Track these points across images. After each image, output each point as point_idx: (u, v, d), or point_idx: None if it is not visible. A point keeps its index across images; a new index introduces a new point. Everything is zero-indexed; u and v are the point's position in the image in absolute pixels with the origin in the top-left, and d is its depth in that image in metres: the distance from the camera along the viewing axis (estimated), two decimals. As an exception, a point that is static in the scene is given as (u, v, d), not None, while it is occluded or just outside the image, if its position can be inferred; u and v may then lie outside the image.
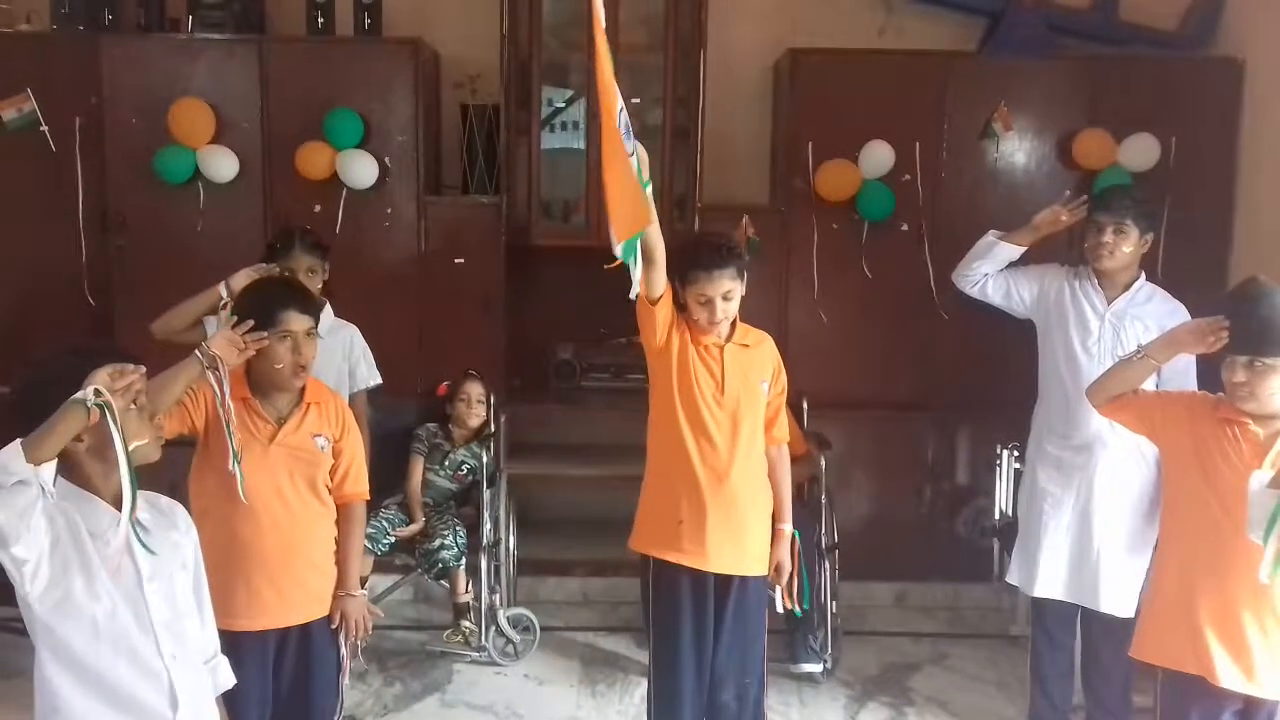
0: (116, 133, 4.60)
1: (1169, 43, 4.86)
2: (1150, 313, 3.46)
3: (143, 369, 1.97)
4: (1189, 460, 2.70)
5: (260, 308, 2.71)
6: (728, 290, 2.98)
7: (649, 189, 2.74)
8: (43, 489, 1.83)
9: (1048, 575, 3.58)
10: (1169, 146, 4.56)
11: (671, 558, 3.07)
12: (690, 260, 3.00)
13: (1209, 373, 2.82)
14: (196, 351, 2.59)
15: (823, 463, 4.31)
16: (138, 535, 1.94)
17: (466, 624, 4.28)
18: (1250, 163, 4.58)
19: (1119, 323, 3.48)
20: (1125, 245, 3.46)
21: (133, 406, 1.95)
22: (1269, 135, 4.44)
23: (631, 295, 2.83)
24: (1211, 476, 2.64)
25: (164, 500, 2.14)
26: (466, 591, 4.28)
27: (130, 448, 1.91)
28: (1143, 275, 3.57)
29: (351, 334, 3.87)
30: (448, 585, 4.30)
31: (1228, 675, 2.60)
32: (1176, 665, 2.69)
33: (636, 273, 2.74)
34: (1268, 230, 4.43)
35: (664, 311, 2.97)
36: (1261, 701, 2.62)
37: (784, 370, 3.19)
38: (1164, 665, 2.74)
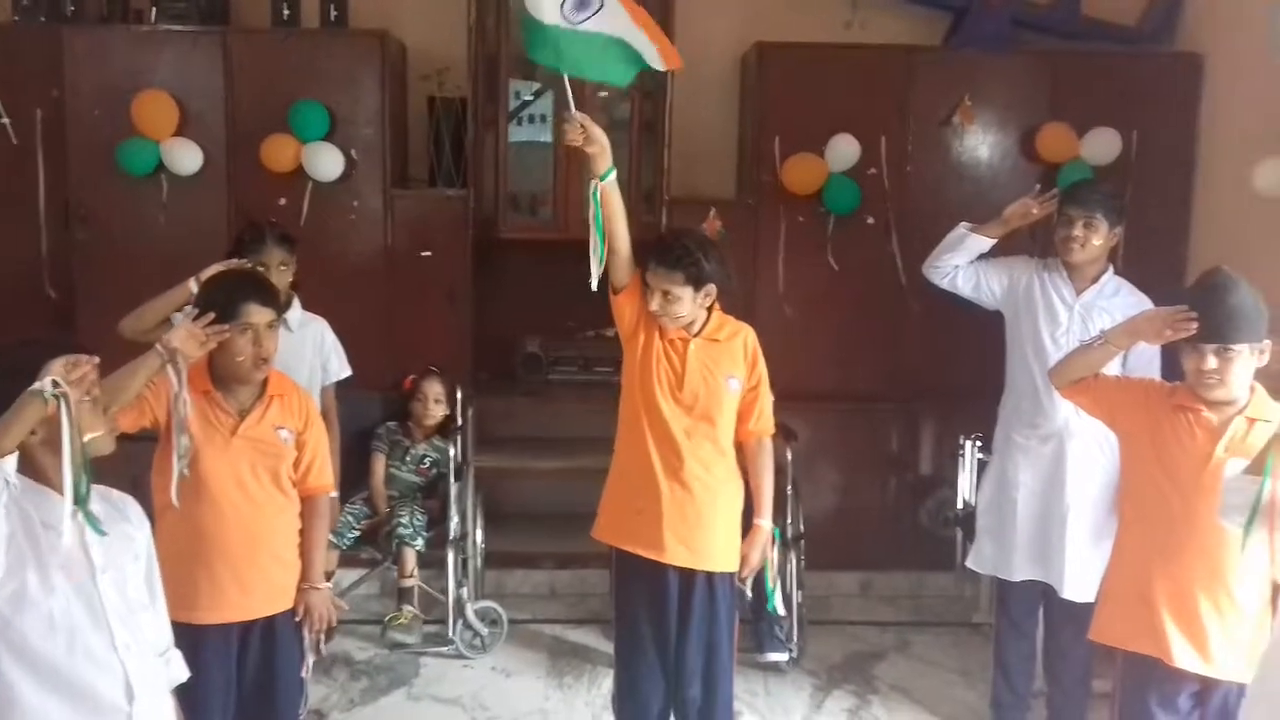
0: (78, 125, 4.56)
1: (1130, 38, 4.91)
2: (1117, 305, 3.51)
3: (95, 360, 1.96)
4: (1145, 446, 2.74)
5: (221, 300, 2.71)
6: (666, 290, 2.96)
7: (612, 175, 2.76)
8: (6, 482, 1.82)
9: (1023, 559, 3.62)
10: (1130, 140, 4.62)
11: (629, 548, 3.09)
12: (648, 249, 3.04)
13: (1172, 362, 2.87)
14: (157, 344, 2.57)
15: (789, 454, 4.34)
16: (90, 522, 1.93)
17: (409, 608, 4.28)
18: (1209, 156, 4.64)
19: (1087, 315, 3.52)
20: (1095, 238, 3.51)
21: (86, 398, 1.95)
22: (1227, 129, 4.51)
23: (592, 284, 2.84)
24: (1167, 462, 2.69)
25: (115, 493, 2.13)
26: (412, 576, 4.28)
27: (85, 439, 1.90)
28: (1110, 268, 3.62)
29: (322, 328, 3.86)
30: (395, 570, 4.29)
31: (1184, 656, 2.65)
32: (1134, 647, 2.75)
33: (597, 265, 2.76)
34: (1225, 222, 4.50)
35: (630, 300, 2.98)
36: (1217, 682, 2.67)
37: (761, 363, 3.17)
38: (1122, 647, 2.79)
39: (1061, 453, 3.54)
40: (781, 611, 3.38)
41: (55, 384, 1.84)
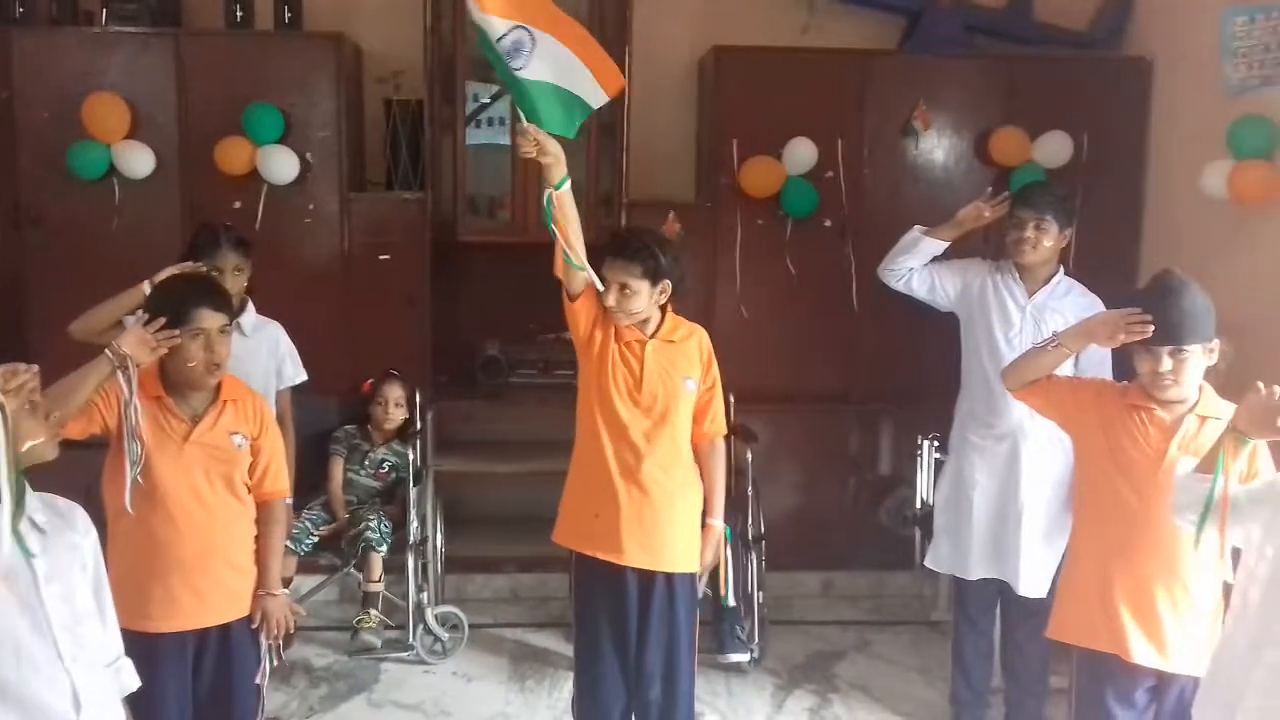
0: (28, 127, 4.48)
1: (1081, 42, 4.99)
2: (1069, 305, 3.57)
3: (35, 369, 1.93)
4: (1099, 445, 2.78)
5: (172, 305, 2.67)
6: (624, 283, 2.97)
7: (566, 184, 2.75)
8: None
9: (979, 557, 3.66)
10: (1081, 143, 4.69)
11: (589, 551, 3.08)
12: (607, 244, 3.06)
13: (1123, 361, 2.91)
14: (107, 350, 2.54)
15: (749, 456, 4.36)
16: (19, 539, 1.89)
17: (375, 612, 4.25)
18: (1158, 159, 4.72)
19: (1039, 315, 3.57)
20: (1046, 240, 3.57)
21: (26, 405, 1.92)
22: (1176, 132, 4.58)
23: (568, 261, 2.83)
24: (1121, 461, 2.73)
25: (62, 501, 2.09)
26: (379, 581, 4.25)
27: (25, 447, 1.87)
28: (1061, 269, 3.68)
29: (277, 332, 3.84)
30: (361, 574, 4.26)
31: (1141, 652, 2.69)
32: (1091, 644, 2.78)
33: (579, 259, 2.77)
34: (1175, 223, 4.57)
35: (585, 306, 2.98)
36: (1173, 676, 2.70)
37: (715, 364, 3.19)
38: (1079, 644, 2.83)
39: (1016, 452, 3.59)
40: (732, 602, 3.39)
41: None
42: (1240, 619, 2.23)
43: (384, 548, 4.22)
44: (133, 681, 2.20)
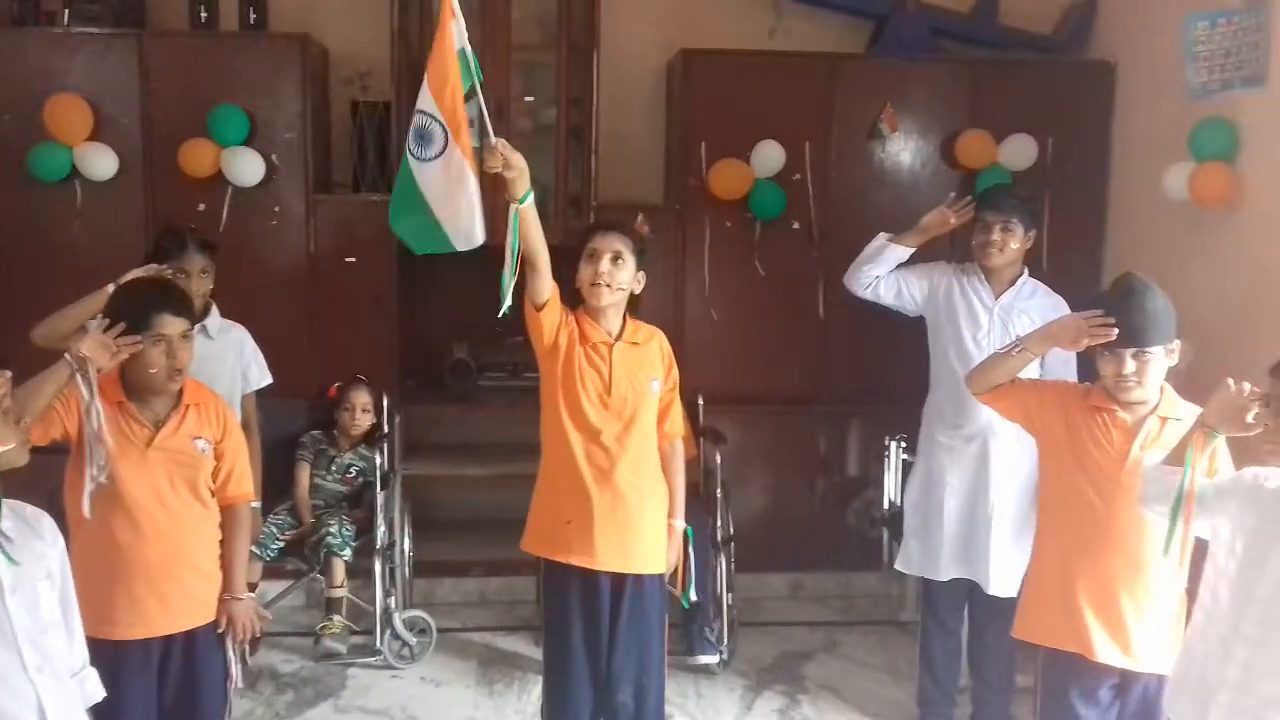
0: (-12, 129, 4.44)
1: (1046, 46, 5.03)
2: (1035, 306, 3.61)
3: (7, 373, 1.91)
4: (1063, 447, 2.81)
5: (133, 310, 2.64)
6: (618, 251, 2.98)
7: (530, 197, 2.74)
8: None
9: (950, 558, 3.68)
10: (1046, 146, 4.73)
11: (561, 558, 3.06)
12: (588, 226, 3.10)
13: (1087, 362, 2.94)
14: (66, 354, 2.51)
15: (718, 457, 4.36)
16: (4, 553, 1.87)
17: (338, 618, 4.22)
18: (1121, 161, 4.77)
19: (1006, 317, 3.61)
20: (1012, 242, 3.60)
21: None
22: (1139, 135, 4.63)
23: (501, 313, 2.81)
24: (1085, 462, 2.76)
25: (29, 509, 2.06)
26: (341, 586, 4.22)
27: None
28: (1026, 270, 3.71)
29: (242, 335, 3.81)
30: (324, 579, 4.23)
31: (1105, 651, 2.71)
32: (1056, 644, 2.80)
33: (506, 297, 2.76)
34: (1138, 225, 4.62)
35: (550, 315, 2.97)
36: (1137, 674, 2.73)
37: (675, 365, 3.21)
38: (1044, 644, 2.85)
39: (985, 452, 3.62)
40: (693, 597, 3.39)
41: None
42: (1211, 615, 2.25)
43: (346, 552, 4.19)
44: (98, 692, 2.18)
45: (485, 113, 2.77)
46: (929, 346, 3.81)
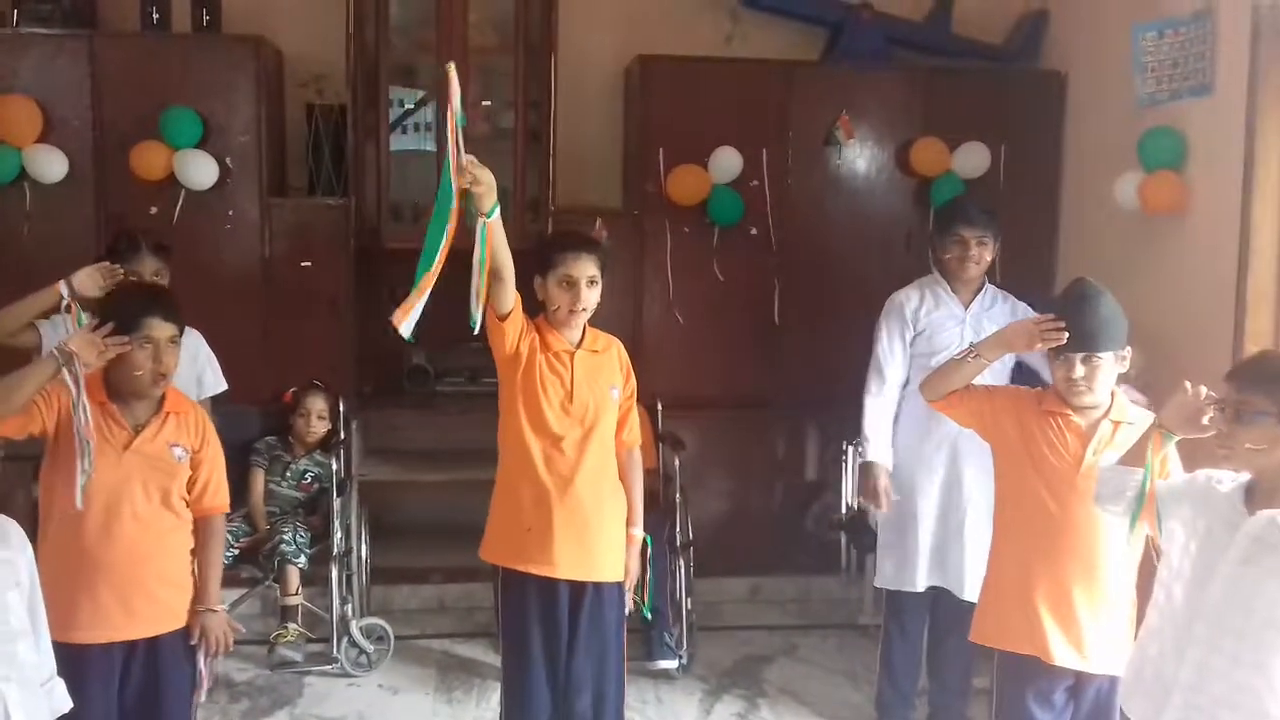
0: (-67, 130, 4.34)
1: (998, 56, 5.11)
2: (999, 314, 3.68)
3: None
4: (1018, 452, 2.84)
5: (122, 312, 2.65)
6: (592, 275, 2.98)
7: (497, 211, 2.72)
8: None
9: (925, 568, 3.69)
10: (999, 154, 4.79)
11: (520, 566, 3.05)
12: (556, 245, 3.03)
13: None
14: (54, 349, 2.52)
15: (676, 462, 4.37)
16: None
17: (293, 626, 4.18)
18: (1073, 170, 4.85)
19: (977, 325, 3.66)
20: (987, 255, 3.69)
21: None
22: (1088, 143, 4.71)
23: (474, 327, 2.81)
24: (1040, 466, 2.79)
25: None
26: (296, 594, 4.18)
27: None
28: (986, 279, 3.76)
29: (196, 340, 3.77)
30: (279, 587, 4.19)
31: (1061, 653, 2.75)
32: (1013, 647, 2.83)
33: (477, 311, 2.75)
34: (1090, 232, 4.70)
35: (513, 324, 2.95)
36: (1091, 676, 2.77)
37: (633, 374, 3.21)
38: (1001, 647, 2.88)
39: (956, 458, 3.65)
40: (647, 615, 3.39)
41: None
42: (1165, 615, 2.29)
43: (301, 559, 4.16)
44: (65, 703, 2.17)
45: (460, 131, 2.74)
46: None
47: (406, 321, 2.65)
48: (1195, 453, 2.42)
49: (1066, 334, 2.69)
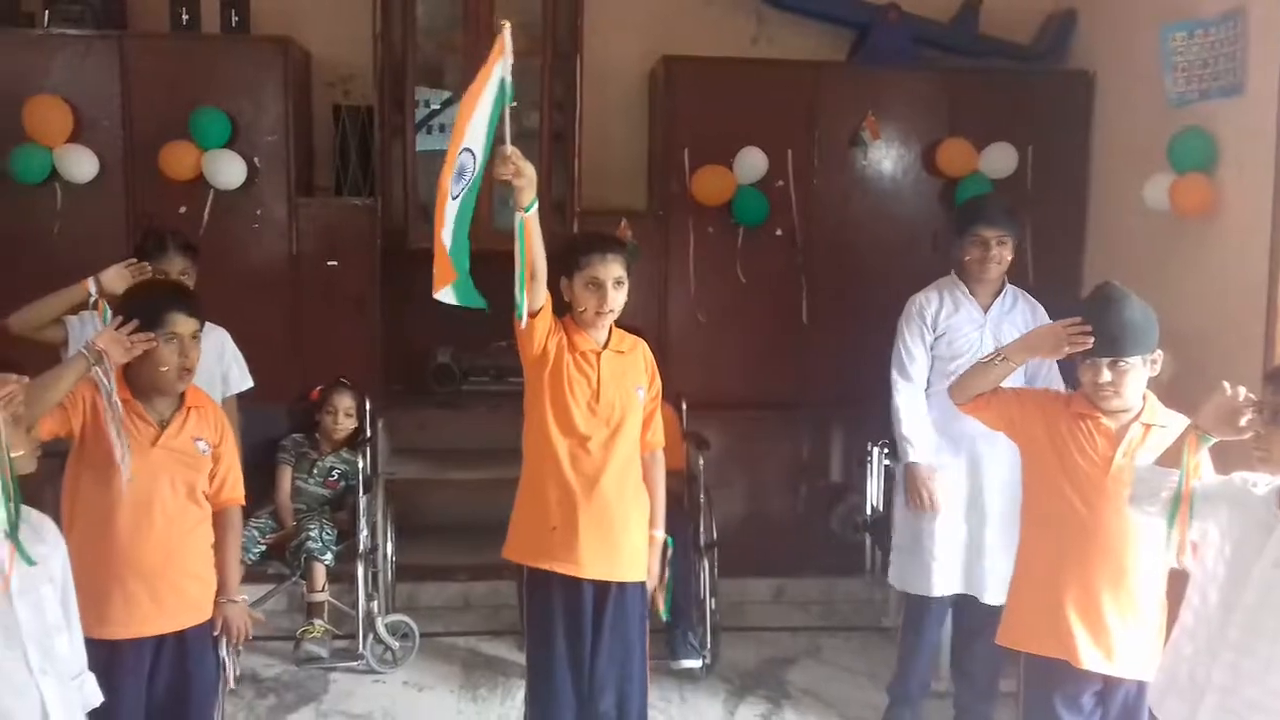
0: (-33, 131, 4.40)
1: (1025, 56, 5.08)
2: (1020, 315, 3.68)
3: (25, 379, 1.91)
4: (1047, 455, 2.82)
5: (147, 309, 2.68)
6: (619, 276, 2.99)
7: (535, 206, 2.73)
8: None
9: (944, 574, 3.68)
10: (1026, 155, 4.77)
11: (545, 565, 3.05)
12: (583, 247, 3.02)
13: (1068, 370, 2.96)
14: (82, 349, 2.55)
15: (701, 462, 4.37)
16: (20, 547, 1.87)
17: (319, 622, 4.21)
18: (1100, 171, 4.82)
19: (997, 328, 3.65)
20: (1007, 254, 3.66)
21: (10, 417, 1.89)
22: (1118, 144, 4.68)
23: (520, 321, 2.82)
24: (1069, 469, 2.77)
25: (33, 514, 2.07)
26: (322, 590, 4.21)
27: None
28: (1006, 280, 3.74)
29: (222, 337, 3.81)
30: (305, 584, 4.22)
31: (1089, 657, 2.73)
32: (1040, 650, 2.81)
33: (524, 304, 2.76)
34: (1118, 234, 4.67)
35: (542, 323, 2.96)
36: (1119, 680, 2.75)
37: (658, 374, 3.20)
38: (1028, 650, 2.86)
39: (977, 461, 3.64)
40: (666, 617, 3.41)
41: None
42: (1199, 616, 2.28)
43: (327, 557, 4.18)
44: (96, 696, 2.20)
45: (507, 121, 2.73)
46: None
47: (446, 289, 2.62)
48: (1228, 455, 2.40)
49: (1092, 338, 2.67)
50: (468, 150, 2.60)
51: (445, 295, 2.64)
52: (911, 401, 3.71)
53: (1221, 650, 2.15)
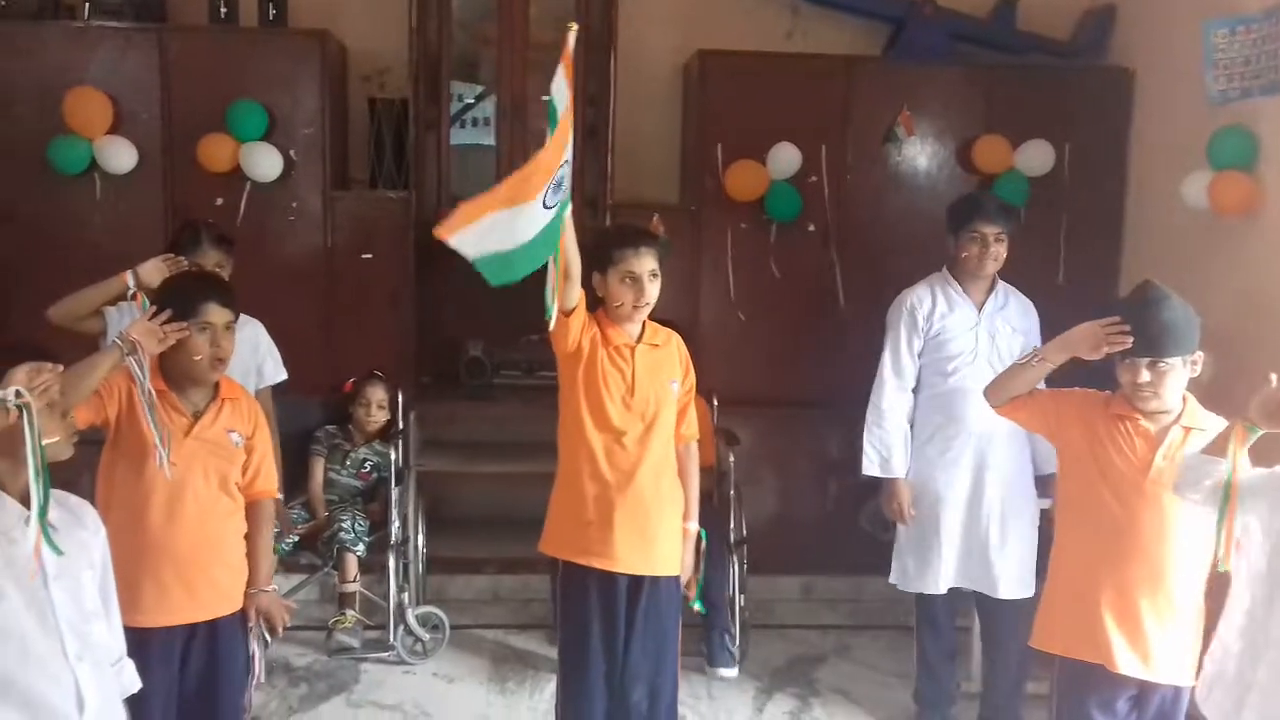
0: (8, 122, 4.45)
1: (1063, 52, 5.03)
2: (1013, 311, 3.68)
3: (60, 368, 1.94)
4: (1084, 456, 2.79)
5: (180, 299, 2.70)
6: (653, 269, 2.99)
7: (569, 208, 2.73)
8: None
9: (947, 569, 3.68)
10: (1063, 152, 4.73)
11: (580, 560, 3.06)
12: (616, 241, 3.02)
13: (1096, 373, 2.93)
14: (115, 339, 2.58)
15: (731, 458, 4.37)
16: (47, 535, 1.89)
17: (351, 612, 4.24)
18: (1139, 168, 4.76)
19: (991, 326, 3.65)
20: (1004, 250, 3.65)
21: (46, 405, 1.91)
22: (1157, 141, 4.63)
23: (549, 320, 2.82)
24: (1106, 471, 2.73)
25: (73, 499, 2.10)
26: (354, 581, 4.24)
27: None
28: (997, 275, 3.73)
29: (257, 330, 3.83)
30: (337, 574, 4.25)
31: (1126, 662, 2.70)
32: (1075, 653, 2.78)
33: (553, 305, 2.75)
34: (1156, 232, 4.62)
35: (576, 320, 2.96)
36: (1156, 686, 2.72)
37: (691, 368, 3.20)
38: (1063, 654, 2.83)
39: (981, 459, 3.63)
40: (697, 606, 3.42)
41: (18, 393, 1.81)
42: (1249, 615, 2.25)
43: (359, 548, 4.22)
44: (134, 682, 2.21)
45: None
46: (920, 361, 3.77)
47: (460, 234, 2.42)
48: (1270, 450, 2.37)
49: (1131, 338, 2.64)
50: (567, 163, 2.59)
51: (460, 243, 2.45)
52: (898, 405, 3.73)
53: (1265, 649, 2.13)
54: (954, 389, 3.62)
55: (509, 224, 2.48)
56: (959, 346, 3.65)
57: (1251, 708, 2.14)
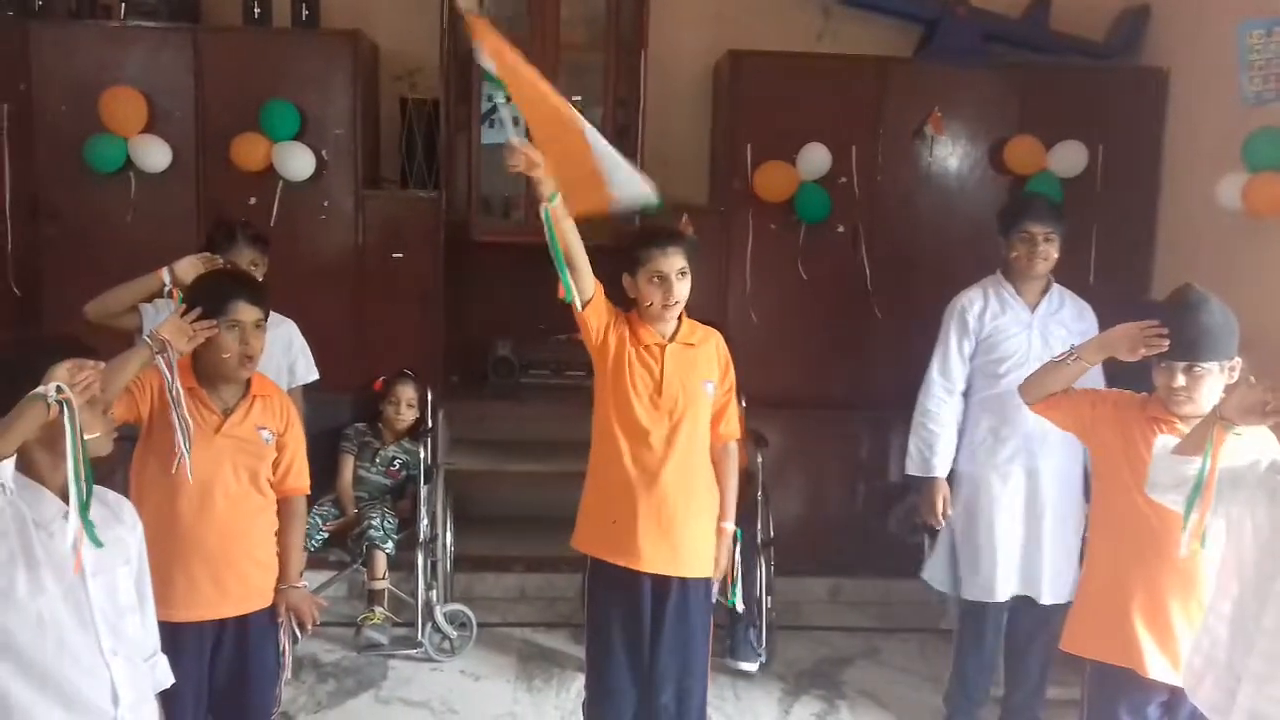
0: (45, 120, 4.51)
1: (1097, 53, 4.99)
2: (1067, 315, 3.63)
3: (101, 365, 1.96)
4: (1118, 458, 2.76)
5: (210, 297, 2.72)
6: (682, 267, 2.99)
7: (558, 198, 2.78)
8: (2, 486, 1.83)
9: (1005, 578, 3.64)
10: (1096, 153, 4.70)
11: (606, 557, 3.07)
12: (643, 241, 3.02)
13: (1125, 373, 2.90)
14: (145, 337, 2.60)
15: (760, 460, 4.36)
16: (89, 529, 1.91)
17: (379, 609, 4.26)
18: (1173, 169, 4.72)
19: (1044, 329, 3.60)
20: (1054, 251, 3.60)
21: (87, 401, 1.94)
22: (1191, 143, 4.59)
23: (576, 303, 2.88)
24: (1140, 474, 2.67)
25: (111, 495, 2.12)
26: (383, 578, 4.26)
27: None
28: (1052, 278, 3.68)
29: (290, 329, 3.85)
30: (366, 571, 4.27)
31: (1157, 667, 2.68)
32: (1107, 658, 2.76)
33: (571, 289, 2.79)
34: (1189, 235, 4.57)
35: (595, 314, 2.97)
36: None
37: (732, 367, 3.18)
38: (1093, 658, 2.81)
39: (1034, 463, 3.59)
40: (740, 607, 3.41)
41: (59, 389, 1.84)
42: (1237, 604, 2.25)
43: (388, 545, 4.24)
44: (167, 677, 2.23)
45: (514, 114, 2.80)
46: (971, 366, 3.74)
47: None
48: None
49: (1168, 341, 2.62)
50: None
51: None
52: (945, 406, 3.70)
53: (1258, 638, 2.11)
54: (1006, 391, 3.56)
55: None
56: (1011, 348, 3.62)
57: (1245, 698, 2.12)
